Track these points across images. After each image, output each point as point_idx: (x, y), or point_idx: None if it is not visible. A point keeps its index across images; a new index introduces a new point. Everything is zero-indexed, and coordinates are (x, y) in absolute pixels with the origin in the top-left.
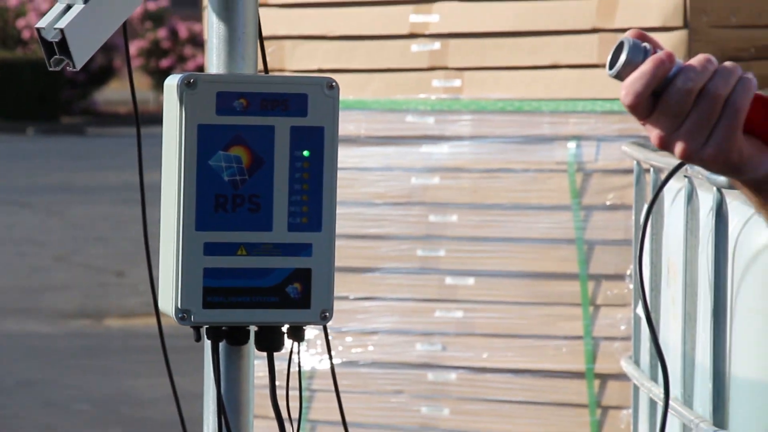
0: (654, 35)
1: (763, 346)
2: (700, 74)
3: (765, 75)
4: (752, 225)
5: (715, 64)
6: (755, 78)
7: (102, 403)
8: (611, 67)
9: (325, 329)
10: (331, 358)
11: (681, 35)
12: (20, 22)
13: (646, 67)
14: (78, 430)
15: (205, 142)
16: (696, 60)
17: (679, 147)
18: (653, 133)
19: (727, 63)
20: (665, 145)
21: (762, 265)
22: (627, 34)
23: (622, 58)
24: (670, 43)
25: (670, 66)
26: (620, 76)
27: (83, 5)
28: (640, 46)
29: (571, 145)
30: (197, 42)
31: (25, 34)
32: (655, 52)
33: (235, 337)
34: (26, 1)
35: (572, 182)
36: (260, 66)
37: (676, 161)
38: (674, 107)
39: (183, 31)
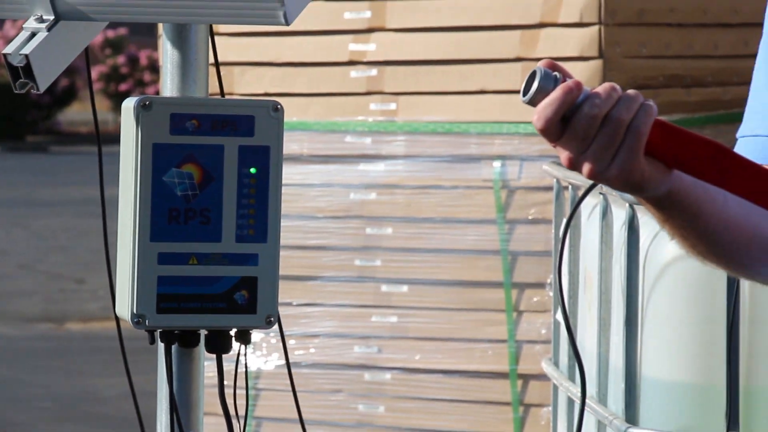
0: (572, 65)
1: (671, 349)
2: (605, 101)
3: (673, 101)
4: (661, 238)
5: (619, 91)
6: (656, 105)
7: (63, 401)
8: (525, 93)
9: (281, 332)
10: (287, 358)
11: (596, 64)
12: None
13: (556, 94)
14: (41, 425)
15: (159, 159)
16: (601, 88)
17: (586, 168)
18: (563, 155)
19: (630, 91)
20: (574, 166)
21: (670, 275)
22: (539, 63)
23: (535, 85)
24: (587, 71)
25: (578, 93)
26: (533, 102)
27: (47, 33)
28: (551, 75)
29: (497, 164)
30: (156, 68)
31: None
32: (564, 81)
33: (187, 340)
34: None
35: (497, 198)
36: (216, 89)
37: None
38: (581, 131)
39: (143, 58)
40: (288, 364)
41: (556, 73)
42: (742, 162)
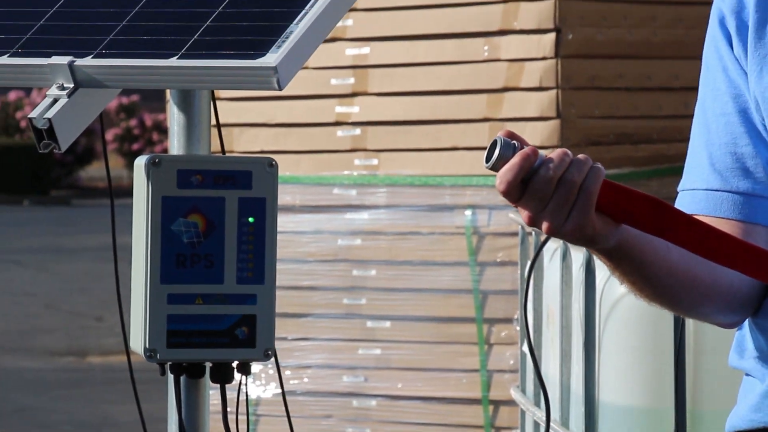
0: (532, 124)
1: (625, 376)
2: (558, 165)
3: (622, 157)
4: (614, 279)
5: (571, 156)
6: (603, 167)
7: (85, 426)
8: (488, 160)
9: (277, 364)
10: (282, 386)
11: (554, 124)
12: (18, 114)
13: (515, 160)
14: None
15: (167, 210)
16: (555, 154)
17: (544, 225)
18: (523, 214)
19: (581, 155)
20: (533, 223)
21: (623, 310)
22: (499, 133)
23: (496, 153)
24: (546, 130)
25: (534, 159)
26: (495, 167)
27: (67, 99)
28: (510, 143)
29: (468, 212)
30: (162, 129)
31: (23, 124)
32: (522, 148)
33: (194, 371)
34: (23, 96)
35: (469, 243)
36: (217, 147)
37: None
38: (539, 193)
39: (148, 120)
40: (283, 392)
41: (514, 141)
42: (680, 215)
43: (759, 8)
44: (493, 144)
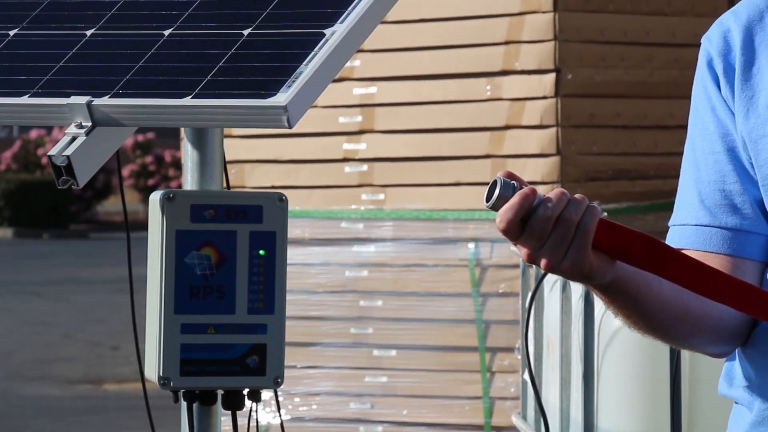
0: (533, 161)
1: (623, 404)
2: (557, 204)
3: (620, 192)
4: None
5: (568, 196)
6: (599, 206)
7: None
8: (488, 200)
9: (275, 393)
10: (279, 411)
11: (555, 160)
12: (40, 151)
13: (514, 200)
14: None
15: (181, 243)
16: (553, 193)
17: (543, 262)
18: (523, 251)
19: (578, 195)
20: (532, 260)
21: (621, 340)
22: (499, 174)
23: (496, 193)
24: (546, 167)
25: (533, 198)
26: (495, 207)
27: (85, 137)
28: (510, 183)
29: (471, 245)
30: (179, 165)
31: (44, 160)
32: (521, 188)
33: (206, 398)
34: (44, 134)
35: (472, 275)
36: (231, 183)
37: None
38: (537, 231)
39: (168, 156)
40: (281, 417)
41: (514, 181)
42: (672, 252)
43: (745, 51)
44: (493, 184)
